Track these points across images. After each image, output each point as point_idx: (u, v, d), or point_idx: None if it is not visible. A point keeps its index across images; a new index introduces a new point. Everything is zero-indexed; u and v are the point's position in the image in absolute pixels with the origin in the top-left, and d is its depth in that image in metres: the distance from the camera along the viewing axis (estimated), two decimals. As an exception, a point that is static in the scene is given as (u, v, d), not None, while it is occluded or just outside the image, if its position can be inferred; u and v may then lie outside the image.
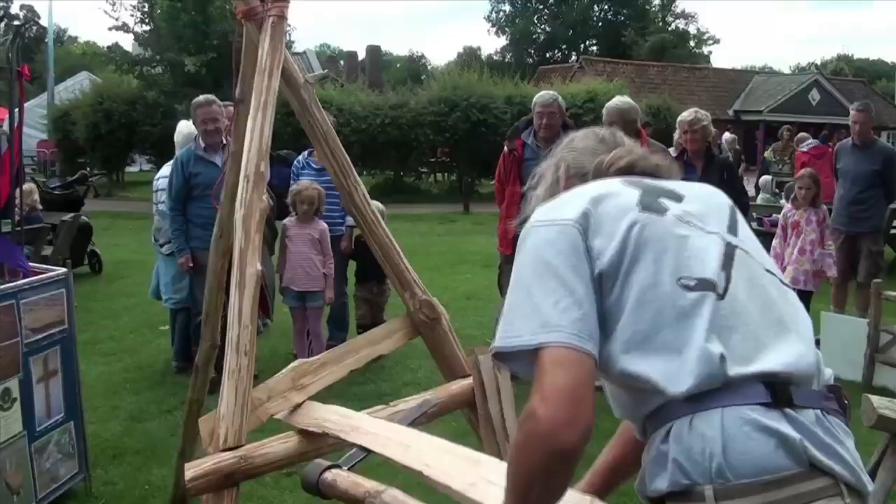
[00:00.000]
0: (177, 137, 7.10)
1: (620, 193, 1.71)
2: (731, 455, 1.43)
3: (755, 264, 1.70)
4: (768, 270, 1.72)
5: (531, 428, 1.46)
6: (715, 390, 1.49)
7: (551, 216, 1.67)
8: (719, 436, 1.45)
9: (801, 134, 13.76)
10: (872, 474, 3.52)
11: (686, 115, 6.44)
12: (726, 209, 1.80)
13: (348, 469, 2.28)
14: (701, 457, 1.45)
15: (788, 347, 1.58)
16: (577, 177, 1.92)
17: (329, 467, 2.25)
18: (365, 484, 2.11)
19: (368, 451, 2.31)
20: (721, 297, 1.57)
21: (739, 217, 1.81)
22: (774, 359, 1.53)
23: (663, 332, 1.54)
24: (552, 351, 1.49)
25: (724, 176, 6.21)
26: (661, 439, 1.53)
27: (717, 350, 1.50)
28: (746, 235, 1.77)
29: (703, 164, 6.29)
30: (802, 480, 1.43)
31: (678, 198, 1.75)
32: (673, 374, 1.51)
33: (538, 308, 1.54)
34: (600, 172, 1.88)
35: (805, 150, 11.82)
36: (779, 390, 1.50)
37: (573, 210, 1.65)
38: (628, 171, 1.86)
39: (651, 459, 1.55)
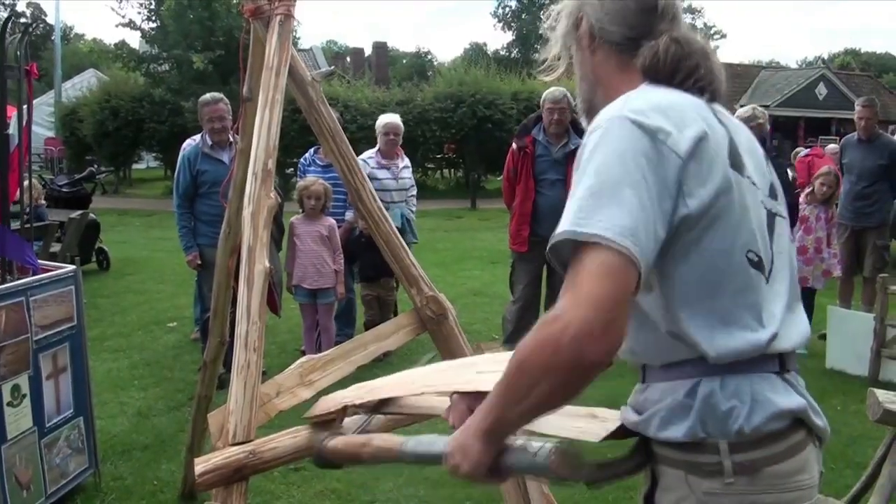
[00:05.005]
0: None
1: (717, 133, 1.60)
2: (753, 418, 1.55)
3: (786, 235, 1.75)
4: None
5: (555, 332, 1.38)
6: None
7: (659, 127, 1.51)
8: (748, 401, 1.55)
9: (797, 149, 14.03)
10: (878, 468, 3.54)
11: (743, 111, 6.56)
12: (764, 163, 1.77)
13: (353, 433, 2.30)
14: (725, 417, 1.54)
15: (799, 324, 1.69)
16: (607, 46, 1.76)
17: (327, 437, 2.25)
18: (356, 439, 2.13)
19: (371, 415, 2.36)
20: (768, 278, 1.64)
21: (772, 171, 1.79)
22: (791, 337, 1.64)
23: (720, 300, 1.57)
24: (613, 257, 1.40)
25: None
26: (685, 393, 1.58)
27: (766, 335, 1.58)
28: (781, 196, 1.78)
29: None
30: (792, 433, 1.59)
31: (745, 149, 1.68)
32: (717, 342, 1.56)
33: (630, 212, 1.43)
34: (658, 72, 1.69)
35: (803, 155, 11.85)
36: (785, 360, 1.63)
37: (684, 142, 1.52)
38: (698, 89, 1.69)
39: (668, 407, 1.59)
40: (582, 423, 1.63)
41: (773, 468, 1.55)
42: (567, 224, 1.45)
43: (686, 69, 1.67)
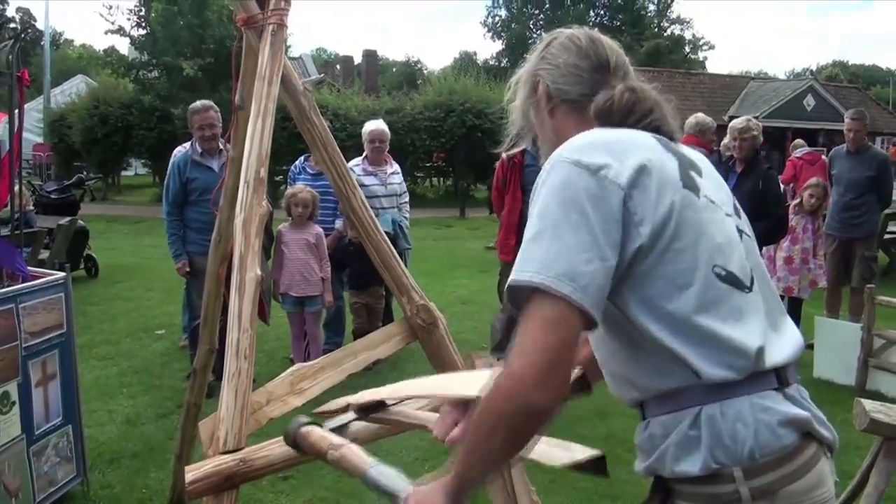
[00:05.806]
0: None
1: (664, 161, 1.65)
2: (760, 439, 1.54)
3: (755, 250, 1.76)
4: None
5: (506, 381, 1.49)
6: (740, 378, 1.58)
7: (599, 164, 1.57)
8: (752, 423, 1.55)
9: (797, 140, 13.78)
10: (865, 477, 3.55)
11: (738, 122, 6.70)
12: (726, 187, 1.83)
13: (330, 430, 2.26)
14: (733, 442, 1.54)
15: (790, 336, 1.70)
16: (565, 106, 1.84)
17: (308, 423, 2.23)
18: (332, 438, 2.11)
19: (356, 418, 2.30)
20: (749, 289, 1.65)
21: (732, 196, 1.83)
22: (784, 350, 1.65)
23: (698, 318, 1.58)
24: (553, 305, 1.48)
25: (759, 185, 6.33)
26: (689, 424, 1.58)
27: (755, 345, 1.58)
28: (745, 217, 1.81)
29: (743, 168, 6.50)
30: (804, 449, 1.59)
31: (700, 173, 1.73)
32: (704, 357, 1.57)
33: (567, 254, 1.50)
34: (612, 114, 1.76)
35: (798, 156, 11.87)
36: (782, 375, 1.63)
37: (625, 172, 1.57)
38: (651, 128, 1.76)
39: (676, 442, 1.60)
40: (551, 451, 1.65)
41: (791, 487, 1.55)
42: (514, 272, 1.55)
43: (640, 111, 1.76)
